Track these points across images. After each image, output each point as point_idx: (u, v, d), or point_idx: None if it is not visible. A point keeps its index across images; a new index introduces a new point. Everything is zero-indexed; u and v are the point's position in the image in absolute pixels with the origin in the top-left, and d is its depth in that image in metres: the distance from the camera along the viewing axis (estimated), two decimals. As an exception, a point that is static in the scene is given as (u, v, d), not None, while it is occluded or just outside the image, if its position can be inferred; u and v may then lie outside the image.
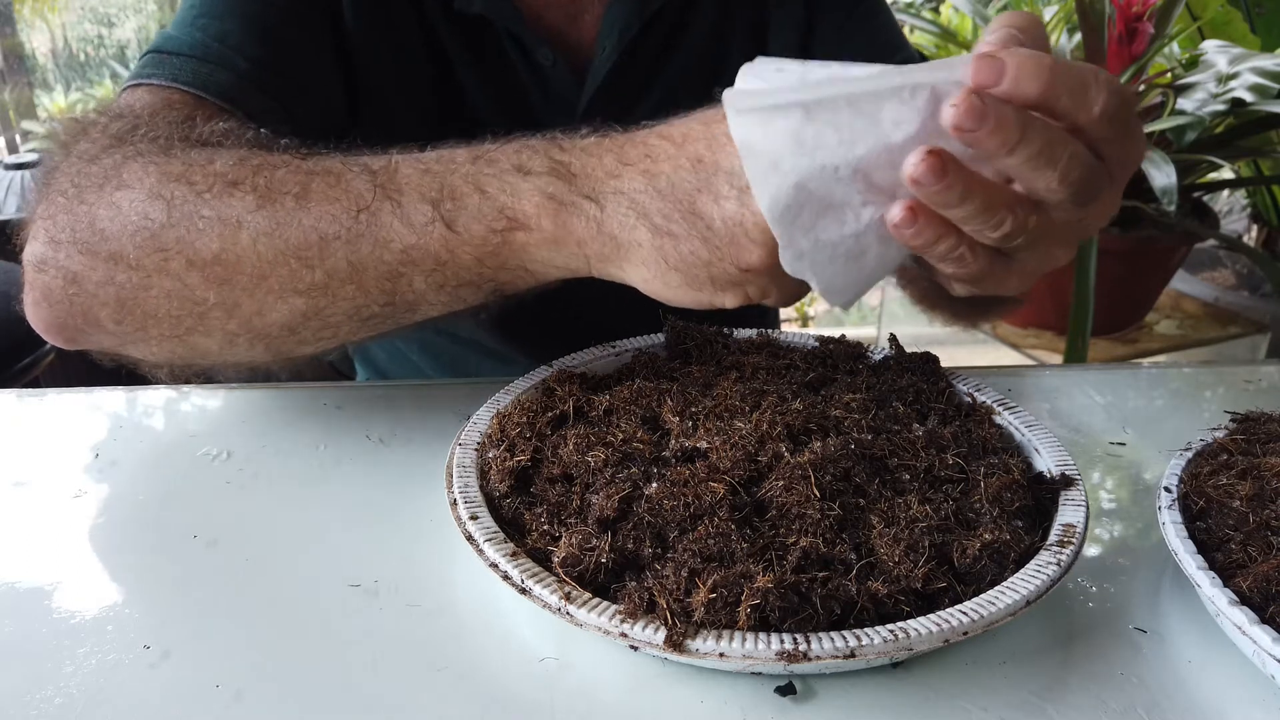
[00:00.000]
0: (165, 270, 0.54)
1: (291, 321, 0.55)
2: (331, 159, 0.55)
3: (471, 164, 0.52)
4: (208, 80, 0.64)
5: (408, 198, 0.52)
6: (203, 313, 0.55)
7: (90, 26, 2.67)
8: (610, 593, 0.46)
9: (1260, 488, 0.50)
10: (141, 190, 0.55)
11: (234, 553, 0.54)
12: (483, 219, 0.51)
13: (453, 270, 0.53)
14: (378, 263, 0.53)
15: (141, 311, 0.56)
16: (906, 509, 0.49)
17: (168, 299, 0.55)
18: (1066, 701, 0.44)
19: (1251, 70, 1.81)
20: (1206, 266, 2.47)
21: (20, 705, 0.44)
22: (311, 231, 0.53)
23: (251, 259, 0.53)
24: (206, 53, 0.66)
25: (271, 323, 0.56)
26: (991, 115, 0.41)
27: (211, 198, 0.54)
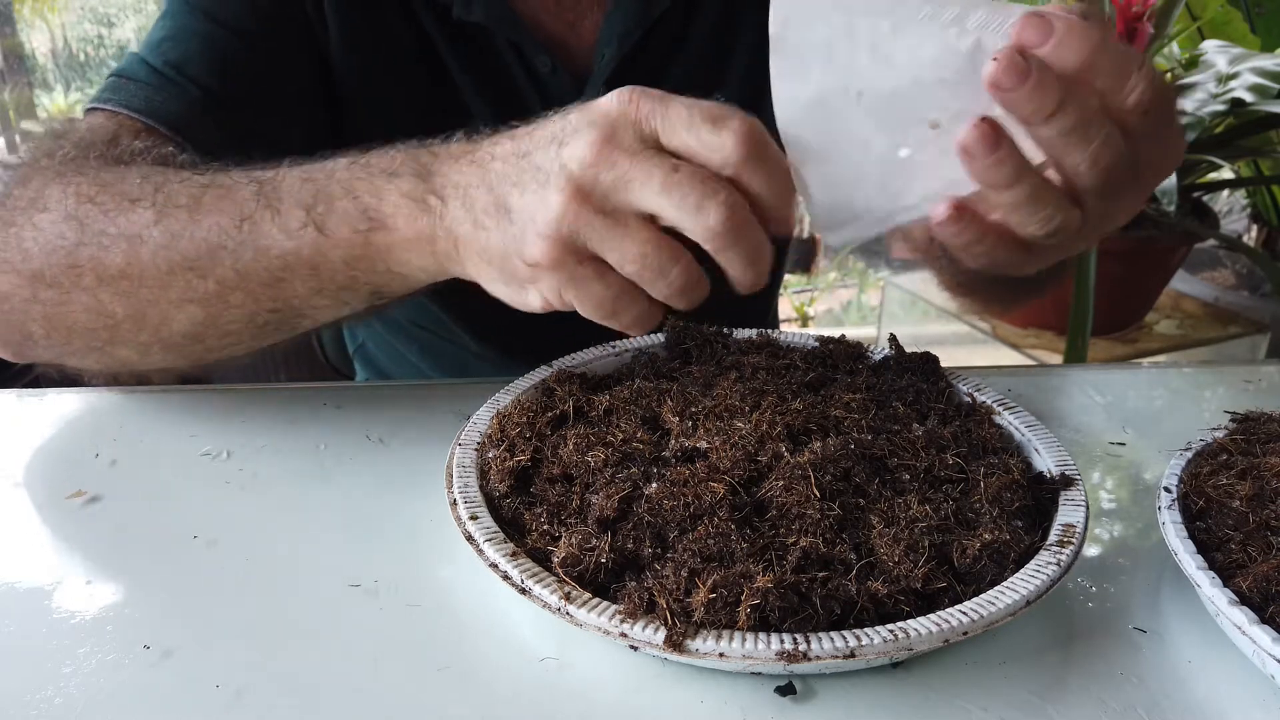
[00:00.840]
0: (80, 286, 0.57)
1: (193, 330, 0.58)
2: (228, 173, 0.57)
3: (348, 170, 0.54)
4: (159, 109, 0.67)
5: (285, 205, 0.54)
6: (115, 325, 0.59)
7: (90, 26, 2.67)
8: (610, 593, 0.46)
9: (1260, 488, 0.50)
10: (59, 212, 0.58)
11: (234, 553, 0.54)
12: (348, 221, 0.52)
13: (327, 274, 0.54)
14: (260, 270, 0.55)
15: (65, 326, 0.60)
16: (906, 509, 0.49)
17: (85, 314, 0.59)
18: (1066, 701, 0.44)
19: (1251, 70, 1.82)
20: (1206, 266, 2.47)
21: (20, 705, 0.44)
22: (202, 243, 0.55)
23: (152, 272, 0.56)
24: (161, 81, 0.68)
25: (176, 332, 0.58)
26: (1033, 76, 0.41)
27: (117, 215, 0.57)
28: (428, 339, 0.91)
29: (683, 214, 0.44)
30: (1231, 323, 2.26)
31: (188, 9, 0.70)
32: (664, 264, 0.46)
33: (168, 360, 0.62)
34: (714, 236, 0.45)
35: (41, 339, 0.61)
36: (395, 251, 0.52)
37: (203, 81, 0.69)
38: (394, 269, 0.53)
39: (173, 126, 0.67)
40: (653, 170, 0.44)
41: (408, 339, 0.92)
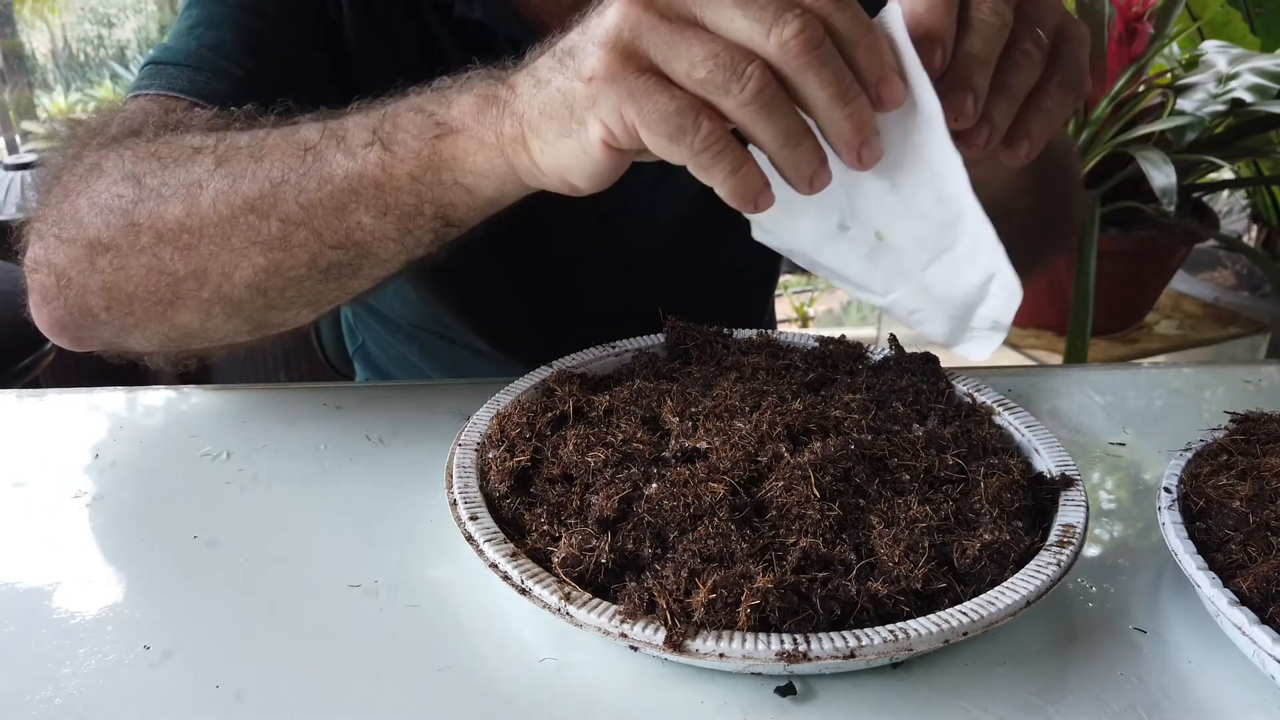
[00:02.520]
0: (138, 247, 0.56)
1: (256, 280, 0.57)
2: (297, 117, 0.56)
3: (418, 94, 0.53)
4: (204, 88, 0.66)
5: (350, 131, 0.53)
6: (176, 284, 0.57)
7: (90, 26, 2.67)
8: (610, 593, 0.46)
9: (1260, 488, 0.50)
10: (116, 173, 0.57)
11: (234, 553, 0.54)
12: (416, 132, 0.51)
13: (392, 195, 0.52)
14: (325, 199, 0.53)
15: (125, 294, 0.58)
16: (906, 509, 0.49)
17: (145, 276, 0.57)
18: (1066, 701, 0.44)
19: (1251, 70, 1.82)
20: (1206, 266, 2.47)
21: (20, 705, 0.44)
22: (265, 181, 0.54)
23: (212, 220, 0.55)
24: (201, 62, 0.67)
25: (239, 284, 0.57)
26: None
27: (176, 167, 0.56)
28: (428, 339, 0.91)
29: (756, 28, 0.40)
30: (1231, 323, 2.26)
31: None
32: (737, 61, 0.40)
33: (230, 325, 0.60)
34: (789, 53, 0.40)
35: (102, 312, 0.60)
36: (463, 158, 0.50)
37: (242, 62, 0.68)
38: (460, 179, 0.51)
39: (223, 105, 0.65)
40: None
41: (408, 339, 0.92)
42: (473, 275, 0.82)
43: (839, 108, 0.41)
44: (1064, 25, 0.48)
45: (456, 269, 0.67)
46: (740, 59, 0.40)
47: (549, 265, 0.84)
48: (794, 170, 0.43)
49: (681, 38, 0.41)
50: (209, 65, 0.67)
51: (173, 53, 0.68)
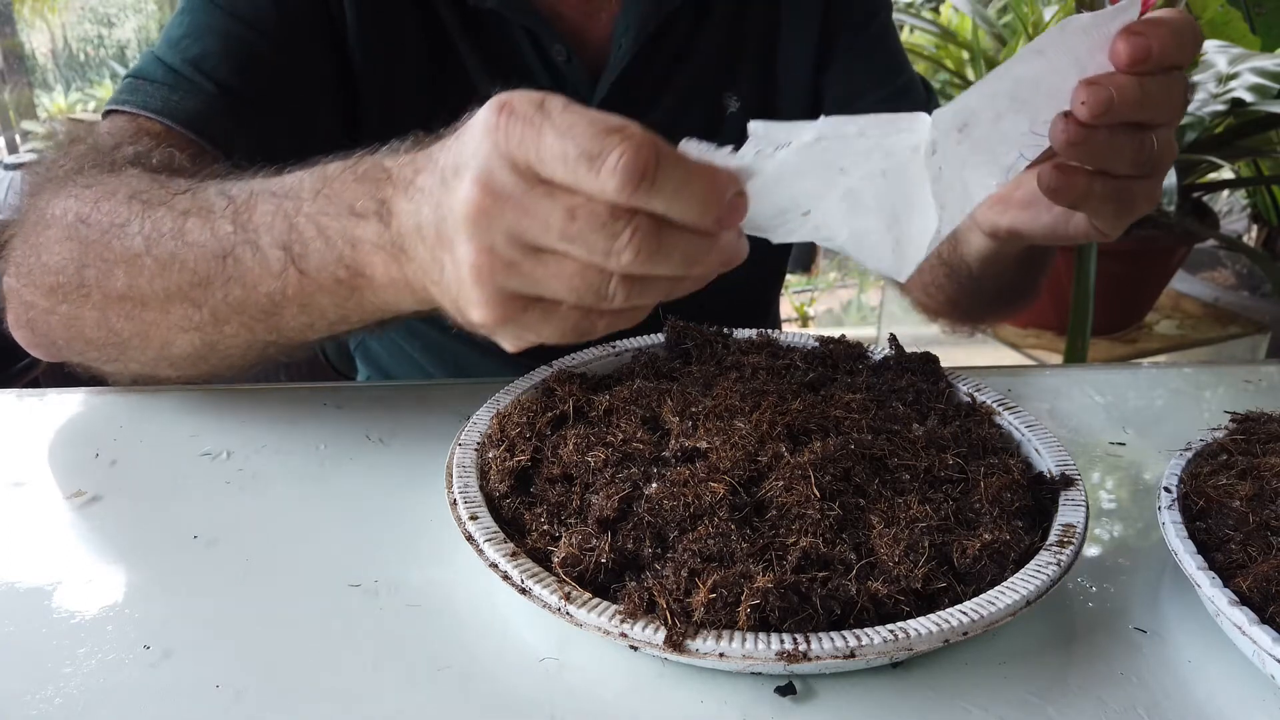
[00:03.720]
0: (89, 303, 0.58)
1: (195, 353, 0.59)
2: (206, 191, 0.56)
3: (313, 200, 0.51)
4: (175, 108, 0.67)
5: (264, 240, 0.52)
6: (123, 343, 0.60)
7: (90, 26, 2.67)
8: (610, 593, 0.46)
9: (1260, 488, 0.50)
10: (60, 230, 0.59)
11: (234, 553, 0.54)
12: (327, 266, 0.50)
13: (317, 310, 0.53)
14: (251, 304, 0.54)
15: (82, 339, 0.61)
16: (906, 509, 0.49)
17: (96, 330, 0.60)
18: (1066, 701, 0.44)
19: (1251, 70, 1.82)
20: (1206, 266, 2.47)
21: (20, 705, 0.44)
22: (192, 274, 0.55)
23: (151, 297, 0.56)
24: (177, 80, 0.68)
25: (178, 355, 0.59)
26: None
27: (110, 238, 0.57)
28: (430, 334, 0.91)
29: (595, 257, 0.40)
30: (1231, 323, 2.26)
31: (207, 5, 0.70)
32: (599, 287, 0.41)
33: (181, 377, 0.63)
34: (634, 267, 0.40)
35: (64, 346, 0.63)
36: (380, 294, 0.50)
37: (221, 79, 0.68)
38: (378, 303, 0.52)
39: (190, 126, 0.67)
40: (548, 217, 0.40)
41: (410, 335, 0.92)
42: None
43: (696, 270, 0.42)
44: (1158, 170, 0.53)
45: None
46: (597, 282, 0.41)
47: None
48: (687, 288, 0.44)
49: (535, 276, 0.41)
50: (184, 84, 0.68)
51: (153, 67, 0.69)
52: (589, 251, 0.40)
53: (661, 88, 0.82)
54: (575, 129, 0.39)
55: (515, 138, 0.39)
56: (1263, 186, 2.25)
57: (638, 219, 0.39)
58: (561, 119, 0.39)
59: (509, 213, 0.40)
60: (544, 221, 0.40)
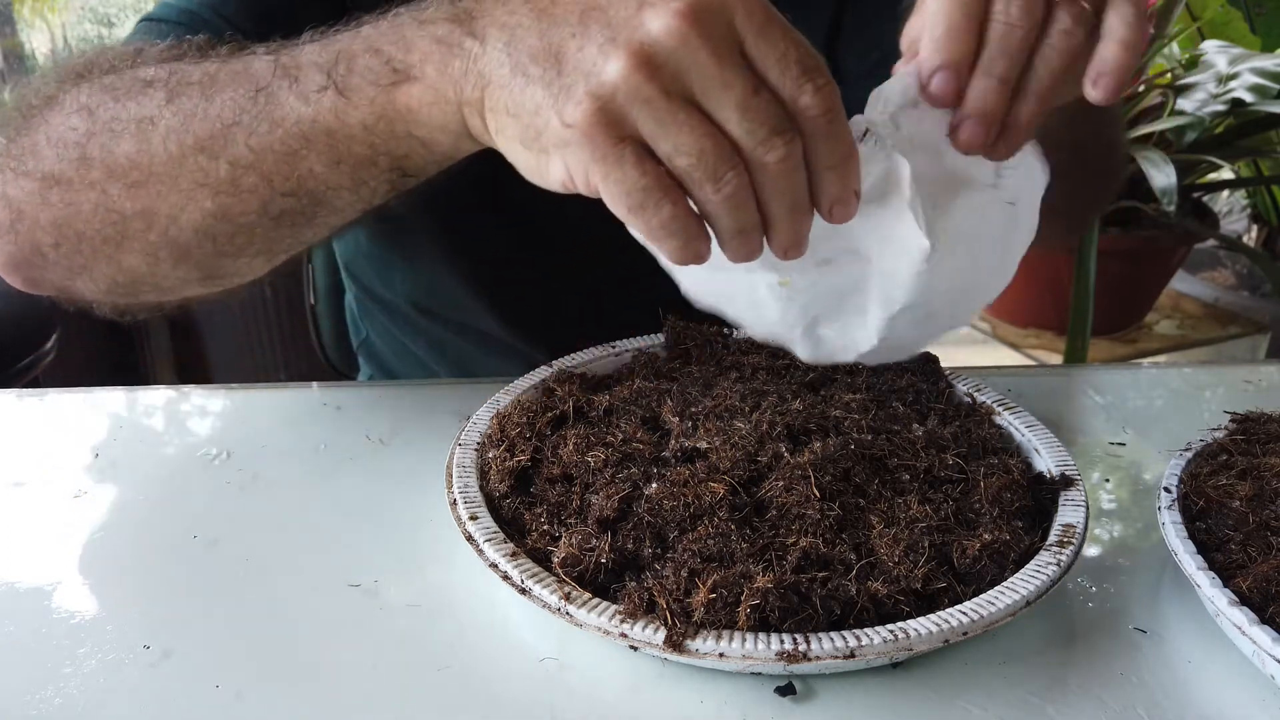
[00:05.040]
0: (88, 182, 0.55)
1: (203, 224, 0.55)
2: (248, 48, 0.54)
3: (374, 27, 0.49)
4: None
5: (305, 71, 0.50)
6: (124, 224, 0.56)
7: (90, 26, 2.67)
8: (610, 593, 0.46)
9: (1260, 488, 0.50)
10: (71, 106, 0.56)
11: (234, 553, 0.54)
12: (370, 78, 0.48)
13: (344, 143, 0.50)
14: (275, 144, 0.51)
15: (74, 231, 0.57)
16: (906, 509, 0.49)
17: (94, 213, 0.56)
18: (1066, 701, 0.44)
19: (1251, 70, 1.82)
20: (1206, 266, 2.47)
21: (20, 705, 0.44)
22: (215, 121, 0.52)
23: (162, 158, 0.53)
24: (193, 20, 0.66)
25: (185, 227, 0.55)
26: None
27: (129, 100, 0.54)
28: (435, 329, 0.91)
29: (747, 135, 0.40)
30: (1231, 323, 2.26)
31: None
32: (720, 165, 0.41)
33: (178, 271, 0.58)
34: (767, 169, 0.41)
35: (50, 250, 0.58)
36: (418, 110, 0.47)
37: (237, 21, 0.67)
38: (414, 132, 0.49)
39: None
40: (734, 81, 0.40)
41: (414, 331, 0.92)
42: (490, 249, 0.81)
43: (786, 222, 0.43)
44: None
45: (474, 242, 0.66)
46: (723, 162, 0.41)
47: (568, 241, 0.83)
48: (733, 251, 0.44)
49: (674, 121, 0.40)
50: (201, 24, 0.66)
51: (167, 9, 0.67)
52: (751, 126, 0.40)
53: None
54: (799, 39, 0.41)
55: (749, 4, 0.40)
56: (1263, 186, 2.25)
57: (797, 141, 0.41)
58: (786, 22, 0.41)
59: (704, 53, 0.39)
60: (727, 80, 0.40)
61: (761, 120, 0.40)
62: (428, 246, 0.83)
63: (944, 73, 0.44)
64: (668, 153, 0.41)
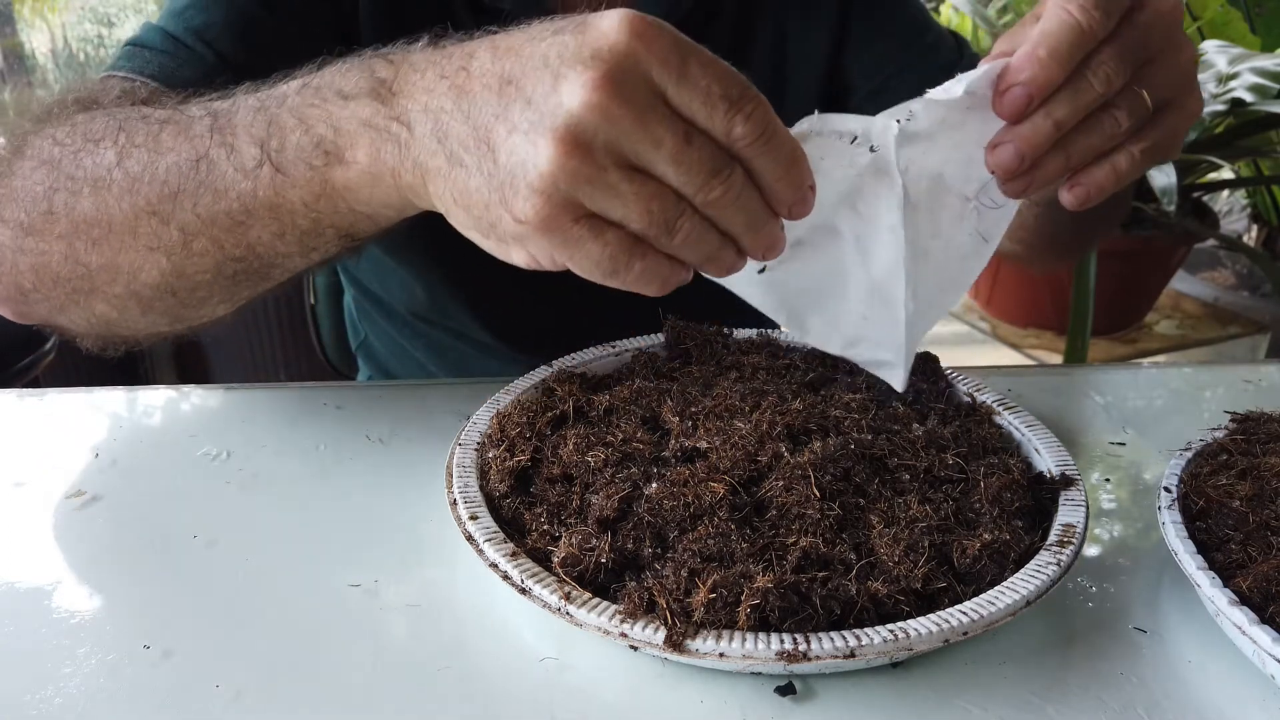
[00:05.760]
0: (55, 234, 0.56)
1: (162, 282, 0.56)
2: (188, 105, 0.54)
3: (298, 94, 0.49)
4: (172, 75, 0.65)
5: (240, 140, 0.50)
6: (90, 276, 0.57)
7: (90, 26, 2.67)
8: (610, 593, 0.46)
9: (1260, 488, 0.50)
10: (35, 159, 0.56)
11: (234, 553, 0.54)
12: (304, 157, 0.48)
13: (287, 217, 0.50)
14: (220, 214, 0.51)
15: (49, 277, 0.58)
16: (906, 509, 0.49)
17: (63, 263, 0.57)
18: (1066, 701, 0.44)
19: (1251, 70, 1.82)
20: (1206, 266, 2.47)
21: (20, 705, 0.44)
22: (162, 186, 0.52)
23: (119, 217, 0.54)
24: (176, 48, 0.67)
25: (146, 284, 0.56)
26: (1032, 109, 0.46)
27: (82, 156, 0.54)
28: (432, 333, 0.91)
29: (687, 184, 0.41)
30: (1231, 323, 2.26)
31: None
32: (669, 218, 0.42)
33: (146, 318, 0.59)
34: (712, 207, 0.42)
35: (31, 292, 0.60)
36: (355, 189, 0.47)
37: (222, 49, 0.67)
38: (357, 208, 0.49)
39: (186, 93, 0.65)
40: (663, 137, 0.40)
41: (412, 334, 0.92)
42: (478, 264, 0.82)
43: (750, 237, 0.44)
44: (1181, 96, 0.50)
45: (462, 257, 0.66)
46: (672, 215, 0.42)
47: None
48: (711, 273, 0.45)
49: (616, 193, 0.41)
50: (184, 52, 0.66)
51: (152, 35, 0.68)
52: (688, 177, 0.41)
53: None
54: (718, 69, 0.41)
55: (660, 53, 0.39)
56: (1263, 186, 2.26)
57: (736, 165, 0.42)
58: (704, 55, 0.41)
59: (627, 121, 0.40)
60: (657, 138, 0.40)
61: (697, 168, 0.41)
62: (422, 258, 0.83)
63: (1024, 90, 0.46)
64: (620, 220, 0.42)
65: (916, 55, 0.84)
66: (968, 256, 0.53)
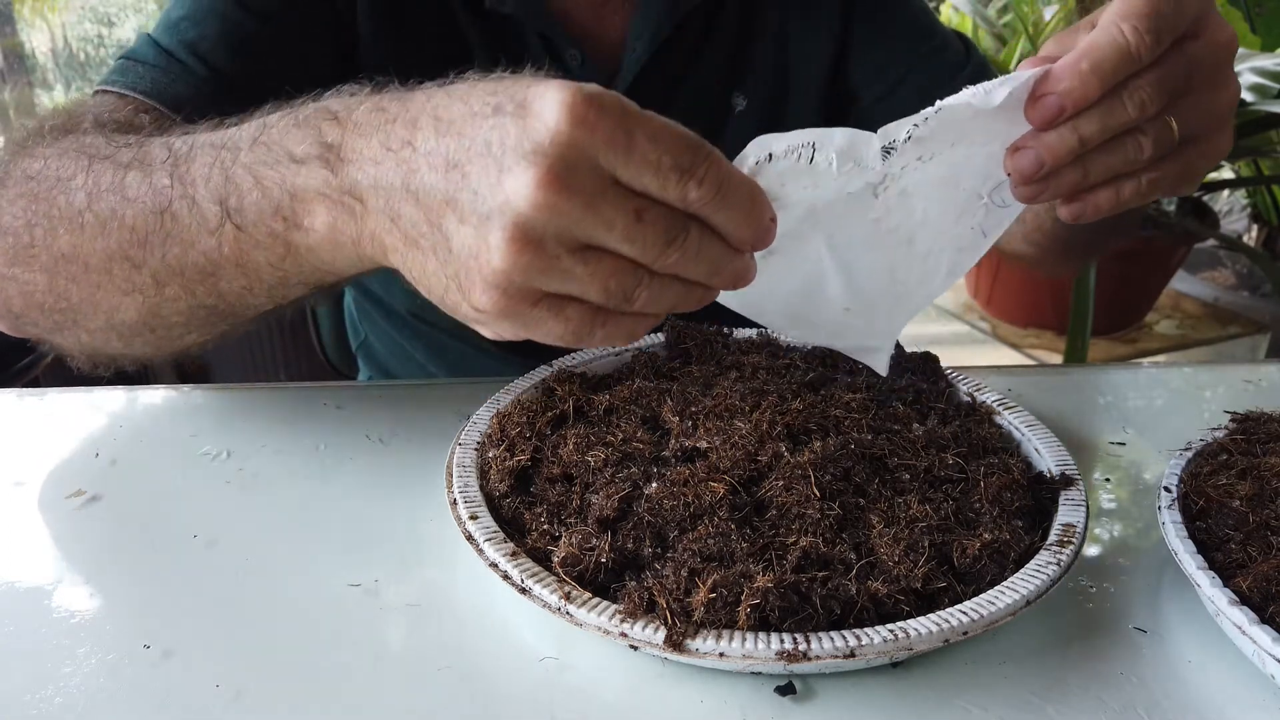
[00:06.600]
0: (38, 266, 0.56)
1: (140, 320, 0.56)
2: (150, 144, 0.54)
3: (250, 149, 0.48)
4: (164, 90, 0.66)
5: (200, 194, 0.50)
6: (72, 309, 0.57)
7: (90, 26, 2.67)
8: (610, 593, 0.46)
9: (1260, 488, 0.50)
10: (14, 190, 0.57)
11: (234, 553, 0.54)
12: (264, 220, 0.48)
13: (254, 272, 0.51)
14: (189, 265, 0.52)
15: (35, 305, 0.58)
16: (906, 509, 0.49)
17: (46, 294, 0.57)
18: (1066, 702, 0.44)
19: (1251, 70, 1.82)
20: (1206, 266, 2.47)
21: (20, 705, 0.44)
22: (130, 232, 0.52)
23: (93, 258, 0.54)
24: (169, 63, 0.67)
25: (124, 321, 0.56)
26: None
27: (57, 195, 0.55)
28: (432, 334, 0.91)
29: (643, 257, 0.41)
30: (1231, 323, 2.27)
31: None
32: (628, 289, 0.42)
33: (127, 349, 0.60)
34: (672, 268, 0.42)
35: (21, 315, 0.60)
36: (317, 252, 0.48)
37: (215, 63, 0.68)
38: (321, 267, 0.49)
39: (176, 108, 0.65)
40: (614, 219, 0.39)
41: (413, 334, 0.92)
42: None
43: (716, 279, 0.44)
44: (1212, 134, 0.50)
45: None
46: (630, 282, 0.42)
47: None
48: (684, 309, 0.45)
49: (571, 276, 0.41)
50: (176, 67, 0.67)
51: (146, 49, 0.68)
52: (643, 250, 0.41)
53: (673, 89, 0.82)
54: (666, 137, 0.39)
55: (605, 135, 0.38)
56: (1263, 186, 2.26)
57: (693, 223, 0.41)
58: (650, 125, 0.39)
59: (576, 210, 0.39)
60: (608, 221, 0.39)
61: (651, 241, 0.40)
62: None
63: (1057, 101, 0.45)
64: (579, 295, 0.42)
65: (922, 58, 0.84)
66: (964, 249, 0.52)
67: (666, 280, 0.43)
